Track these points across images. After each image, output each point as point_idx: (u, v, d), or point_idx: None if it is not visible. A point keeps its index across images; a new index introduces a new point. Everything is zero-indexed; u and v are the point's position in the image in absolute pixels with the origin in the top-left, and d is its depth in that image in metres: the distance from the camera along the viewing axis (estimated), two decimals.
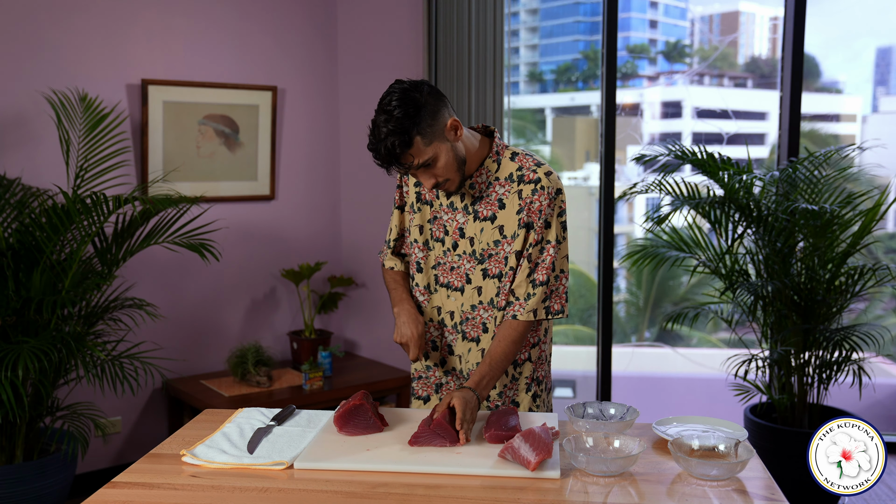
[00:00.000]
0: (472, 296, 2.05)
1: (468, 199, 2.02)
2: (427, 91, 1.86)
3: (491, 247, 2.01)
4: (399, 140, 1.80)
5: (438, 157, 1.87)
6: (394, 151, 1.81)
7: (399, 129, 1.80)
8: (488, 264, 2.02)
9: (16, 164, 3.52)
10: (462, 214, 2.03)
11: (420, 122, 1.82)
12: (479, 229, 2.01)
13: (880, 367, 5.12)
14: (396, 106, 1.81)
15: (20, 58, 3.53)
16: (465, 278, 2.05)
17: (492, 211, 2.00)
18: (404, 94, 1.83)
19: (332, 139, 4.47)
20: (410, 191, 2.11)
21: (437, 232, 2.07)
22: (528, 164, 2.00)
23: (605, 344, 4.41)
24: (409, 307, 2.07)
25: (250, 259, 4.23)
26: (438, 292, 2.10)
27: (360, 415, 1.86)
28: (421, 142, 1.83)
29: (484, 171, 2.00)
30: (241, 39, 4.10)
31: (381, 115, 1.83)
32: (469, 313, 2.07)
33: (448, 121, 1.89)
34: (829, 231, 3.45)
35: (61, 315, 3.20)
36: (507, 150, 2.03)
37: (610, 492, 1.59)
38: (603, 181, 4.32)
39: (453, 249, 2.05)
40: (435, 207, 2.07)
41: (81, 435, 3.26)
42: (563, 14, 6.37)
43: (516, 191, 1.99)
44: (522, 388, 2.11)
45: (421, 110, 1.82)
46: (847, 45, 5.64)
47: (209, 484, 1.63)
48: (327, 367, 3.99)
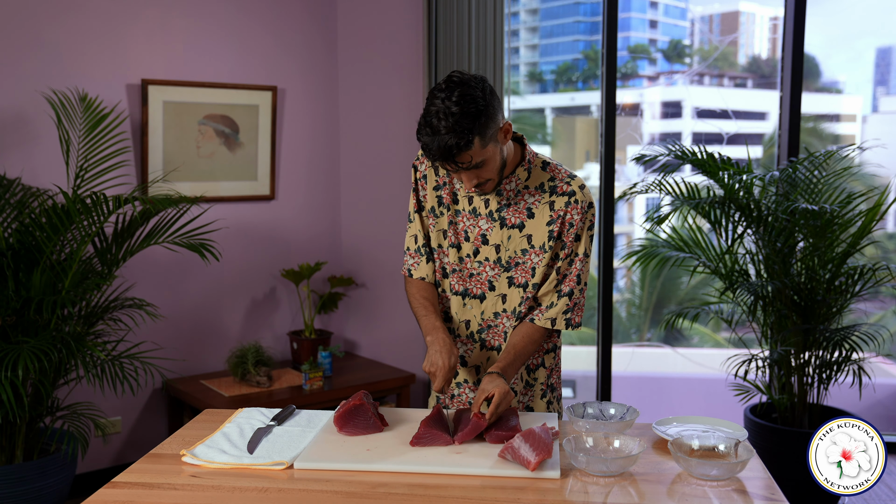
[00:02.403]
0: (496, 303, 2.01)
1: (494, 205, 1.98)
2: (489, 91, 1.79)
3: (518, 255, 1.98)
4: (460, 141, 1.72)
5: (489, 159, 1.81)
6: (451, 151, 1.74)
7: (460, 128, 1.72)
8: (514, 273, 1.99)
9: (16, 164, 3.52)
10: (486, 221, 1.98)
11: (482, 124, 1.75)
12: (506, 237, 1.98)
13: (880, 367, 5.12)
14: (457, 103, 1.72)
15: (20, 58, 3.53)
16: (489, 285, 2.01)
17: (520, 219, 1.97)
18: (467, 90, 1.74)
19: (332, 139, 4.47)
20: (430, 195, 2.04)
21: (455, 238, 2.02)
22: (561, 176, 1.97)
23: (605, 344, 4.41)
24: (443, 336, 1.94)
25: (250, 259, 4.23)
26: (452, 300, 2.05)
27: (360, 415, 1.86)
28: (479, 143, 1.76)
29: (514, 178, 1.96)
30: (241, 39, 4.10)
31: (439, 107, 1.73)
32: (491, 321, 2.02)
33: (503, 124, 1.83)
34: (829, 231, 3.45)
35: (61, 315, 3.20)
36: (537, 157, 1.99)
37: (610, 492, 1.59)
38: (603, 181, 4.32)
39: (474, 256, 2.00)
40: (451, 213, 2.01)
41: (81, 435, 3.26)
42: (563, 14, 6.37)
43: (548, 201, 1.95)
44: (538, 394, 2.10)
45: (483, 112, 1.75)
46: (848, 45, 5.64)
47: (209, 484, 1.63)
48: (327, 367, 3.99)
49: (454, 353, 1.91)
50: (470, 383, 2.08)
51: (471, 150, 1.76)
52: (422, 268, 2.08)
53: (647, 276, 6.28)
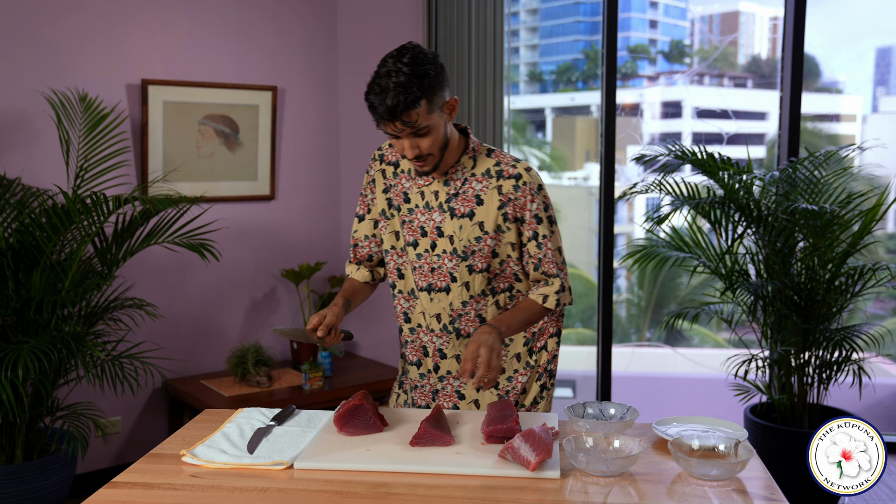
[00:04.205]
0: (461, 293, 2.04)
1: (443, 197, 2.01)
2: (439, 64, 1.85)
3: (473, 243, 2.00)
4: (408, 97, 1.77)
5: (433, 129, 1.85)
6: (398, 107, 1.77)
7: (409, 85, 1.76)
8: (472, 260, 2.01)
9: (16, 164, 3.52)
10: (438, 213, 2.01)
11: (430, 87, 1.80)
12: (457, 226, 2.00)
13: (880, 367, 5.12)
14: (409, 63, 1.78)
15: (20, 58, 3.53)
16: (450, 277, 2.03)
17: (469, 207, 2.00)
18: (418, 55, 1.81)
19: (332, 139, 4.47)
20: (378, 198, 2.10)
21: (412, 235, 2.05)
22: (506, 160, 2.01)
23: (605, 344, 4.42)
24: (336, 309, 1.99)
25: (250, 259, 4.23)
26: (420, 297, 2.08)
27: (360, 415, 1.86)
28: (426, 106, 1.81)
29: (460, 167, 2.00)
30: (241, 39, 4.10)
31: (389, 67, 1.79)
32: (461, 310, 2.05)
33: (449, 98, 1.89)
34: (829, 231, 3.45)
35: (61, 315, 3.20)
36: (482, 146, 2.04)
37: (610, 492, 1.59)
38: (603, 181, 4.32)
39: (432, 250, 2.03)
40: (404, 212, 2.05)
41: (81, 435, 3.26)
42: (563, 14, 6.37)
43: (495, 186, 1.99)
44: (535, 376, 2.12)
45: (432, 77, 1.81)
46: (848, 45, 5.64)
47: (209, 484, 1.63)
48: (327, 367, 3.99)
49: (335, 313, 1.95)
50: (454, 373, 2.11)
51: (417, 110, 1.80)
52: (350, 266, 2.21)
53: (647, 276, 6.28)
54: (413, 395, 2.18)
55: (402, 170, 2.07)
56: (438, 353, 2.10)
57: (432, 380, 2.13)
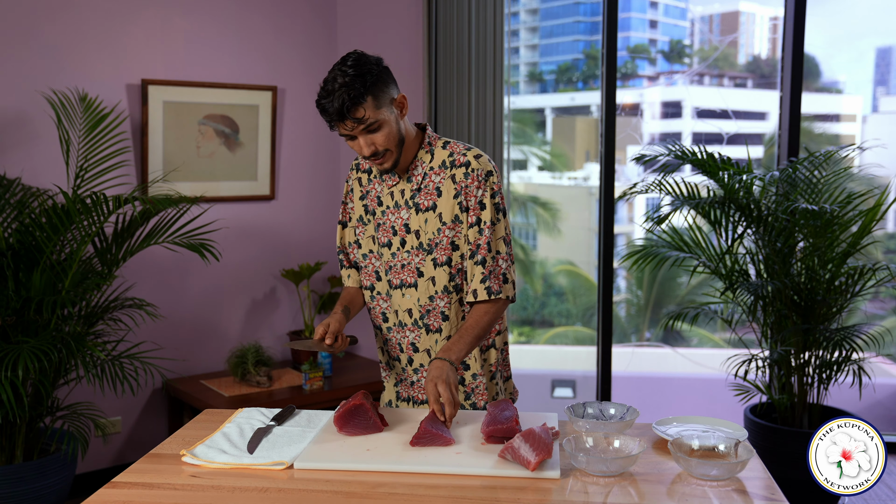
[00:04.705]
0: (428, 287, 2.07)
1: (408, 194, 2.07)
2: (383, 65, 1.95)
3: (436, 235, 2.04)
4: (353, 93, 1.86)
5: (383, 123, 1.93)
6: (346, 103, 1.86)
7: (354, 83, 1.87)
8: (436, 253, 2.05)
9: (16, 164, 3.52)
10: (405, 210, 2.07)
11: (374, 84, 1.90)
12: (423, 220, 2.05)
13: (880, 367, 5.12)
14: (352, 66, 1.89)
15: (20, 58, 3.53)
16: (417, 272, 2.07)
17: (432, 200, 2.05)
18: (360, 58, 1.92)
19: (332, 139, 4.47)
20: (356, 205, 2.18)
21: (385, 237, 2.11)
22: (458, 150, 2.06)
23: (605, 344, 4.42)
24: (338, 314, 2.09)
25: (250, 259, 4.23)
26: (393, 295, 2.13)
27: (360, 415, 1.86)
28: (372, 102, 1.89)
29: (419, 162, 2.06)
30: (241, 39, 4.10)
31: (336, 72, 1.90)
32: (428, 305, 2.09)
33: (397, 95, 1.97)
34: (829, 231, 3.45)
35: (61, 315, 3.20)
36: (438, 140, 2.10)
37: (610, 492, 1.59)
38: (603, 181, 4.32)
39: (402, 247, 2.08)
40: (378, 215, 2.11)
41: (81, 435, 3.26)
42: (563, 14, 6.37)
43: (449, 175, 2.04)
44: (489, 375, 2.14)
45: (375, 75, 1.90)
46: (848, 45, 5.64)
47: (209, 484, 1.63)
48: (327, 367, 3.99)
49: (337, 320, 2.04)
50: (425, 367, 2.14)
51: (364, 105, 1.88)
52: (343, 272, 2.26)
53: (646, 276, 6.28)
54: (400, 389, 2.23)
55: (375, 175, 2.15)
56: (412, 347, 2.14)
57: (409, 371, 2.17)
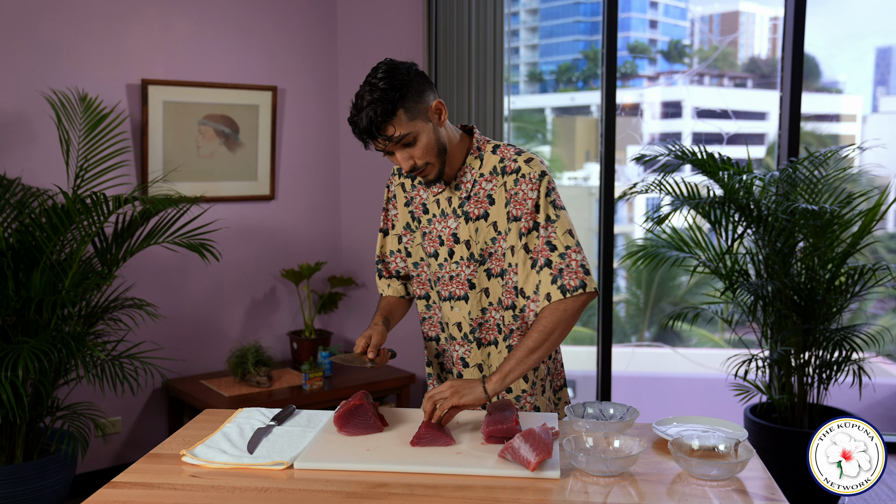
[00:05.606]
0: (480, 299, 1.99)
1: (456, 202, 1.97)
2: (415, 71, 1.84)
3: (489, 245, 1.95)
4: (381, 108, 1.76)
5: (419, 135, 1.82)
6: (375, 120, 1.76)
7: (382, 98, 1.76)
8: (490, 263, 1.96)
9: (16, 164, 3.52)
10: (453, 219, 1.97)
11: (405, 97, 1.79)
12: (473, 230, 1.96)
13: (880, 367, 5.12)
14: (382, 78, 1.78)
15: (20, 57, 3.53)
16: (468, 284, 1.98)
17: (483, 208, 1.95)
18: (391, 68, 1.81)
19: (332, 139, 4.47)
20: (401, 212, 2.08)
21: (431, 246, 2.02)
22: (509, 155, 1.95)
23: (605, 344, 4.41)
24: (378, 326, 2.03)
25: (250, 259, 4.23)
26: (442, 307, 2.04)
27: (360, 415, 1.86)
28: (404, 115, 1.79)
29: (467, 168, 1.96)
30: (241, 39, 4.10)
31: (365, 87, 1.80)
32: (481, 318, 2.00)
33: (433, 102, 1.85)
34: (829, 231, 3.45)
35: (61, 315, 3.19)
36: (488, 144, 1.98)
37: (610, 492, 1.59)
38: (603, 181, 4.32)
39: (450, 258, 1.99)
40: (423, 224, 2.02)
41: (81, 435, 3.26)
42: (563, 14, 6.37)
43: (501, 183, 1.93)
44: (540, 390, 2.07)
45: (406, 86, 1.79)
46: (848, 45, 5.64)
47: (209, 484, 1.63)
48: (327, 367, 3.99)
49: (379, 332, 1.99)
50: None
51: (393, 121, 1.78)
52: (381, 283, 2.19)
53: (645, 275, 6.28)
54: None
55: (419, 181, 2.03)
56: (461, 362, 2.05)
57: None
